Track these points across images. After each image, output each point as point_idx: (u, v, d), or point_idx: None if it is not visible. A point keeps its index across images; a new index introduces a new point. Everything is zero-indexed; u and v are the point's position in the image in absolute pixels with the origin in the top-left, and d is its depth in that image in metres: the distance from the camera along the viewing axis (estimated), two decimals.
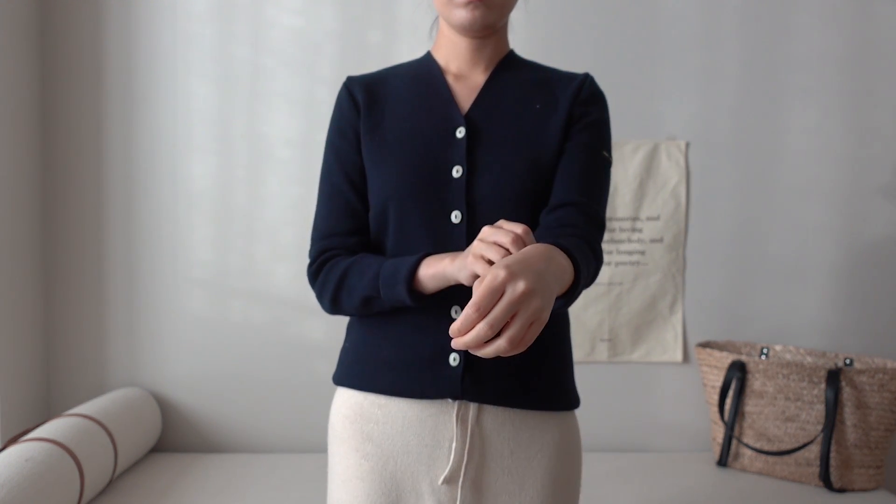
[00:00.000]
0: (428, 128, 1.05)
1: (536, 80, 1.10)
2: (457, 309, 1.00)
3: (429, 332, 1.01)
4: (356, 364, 1.08)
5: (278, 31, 2.06)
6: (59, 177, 2.05)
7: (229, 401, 2.09)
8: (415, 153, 1.03)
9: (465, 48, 1.09)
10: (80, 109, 2.04)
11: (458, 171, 1.02)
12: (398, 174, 1.02)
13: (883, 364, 1.89)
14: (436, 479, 1.02)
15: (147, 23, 2.04)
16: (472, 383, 1.00)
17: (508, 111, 1.06)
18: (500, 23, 1.07)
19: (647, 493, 1.77)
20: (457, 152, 1.03)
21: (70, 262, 2.06)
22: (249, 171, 2.07)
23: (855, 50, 2.09)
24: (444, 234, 1.01)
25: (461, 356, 1.00)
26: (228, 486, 1.78)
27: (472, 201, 1.01)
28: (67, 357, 2.07)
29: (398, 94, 1.09)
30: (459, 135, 1.03)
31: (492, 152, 1.03)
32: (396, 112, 1.07)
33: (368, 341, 1.07)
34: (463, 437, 1.02)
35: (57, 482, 1.46)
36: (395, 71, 1.14)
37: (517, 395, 1.02)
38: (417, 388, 1.01)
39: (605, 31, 2.08)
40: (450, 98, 1.07)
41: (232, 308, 2.08)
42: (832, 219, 2.11)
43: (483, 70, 1.10)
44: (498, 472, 1.03)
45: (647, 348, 2.12)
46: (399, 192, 1.02)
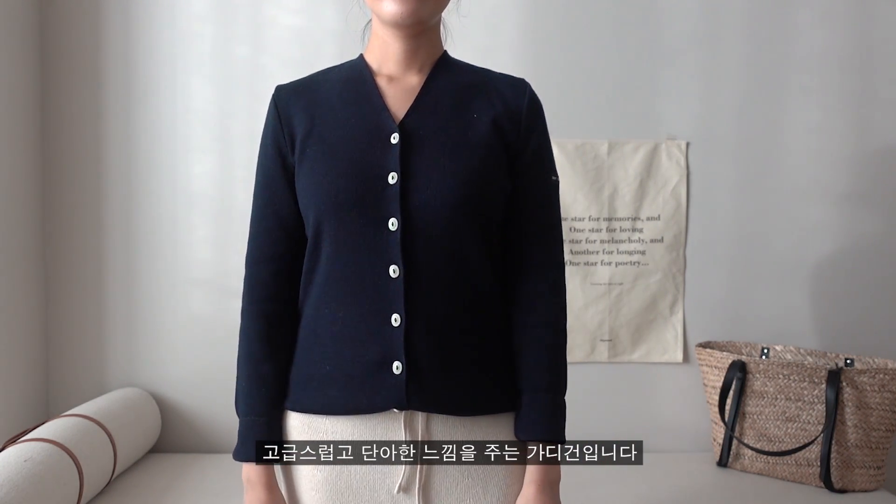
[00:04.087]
0: (361, 134, 1.02)
1: (473, 84, 1.07)
2: (396, 317, 0.98)
3: (370, 342, 0.99)
4: (299, 386, 1.05)
5: (278, 30, 2.05)
6: (59, 177, 2.04)
7: (229, 401, 2.03)
8: (349, 161, 1.01)
9: (397, 49, 1.05)
10: (79, 109, 2.04)
11: (393, 178, 0.99)
12: (332, 182, 1.00)
13: (884, 364, 1.89)
14: (392, 487, 1.01)
15: (146, 22, 2.04)
16: (416, 391, 0.99)
17: (445, 116, 1.03)
18: (433, 18, 1.04)
19: (647, 493, 1.77)
20: (391, 158, 1.00)
21: (69, 262, 2.05)
22: (249, 171, 2.04)
23: (855, 50, 2.08)
24: (381, 242, 0.99)
25: (403, 363, 0.98)
26: (228, 487, 1.77)
27: (408, 208, 0.99)
28: (66, 357, 2.06)
29: (328, 101, 1.06)
30: (394, 140, 1.01)
31: (428, 158, 1.00)
32: (328, 119, 1.04)
33: (307, 358, 1.05)
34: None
35: (56, 482, 1.46)
36: (325, 76, 1.11)
37: (464, 405, 1.01)
38: (364, 402, 0.99)
39: (606, 31, 2.08)
40: (381, 103, 1.04)
41: (232, 308, 2.06)
42: (832, 219, 2.11)
43: (417, 71, 1.06)
44: (457, 476, 1.02)
45: (647, 348, 2.12)
46: (334, 201, 0.99)
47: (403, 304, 0.98)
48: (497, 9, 2.06)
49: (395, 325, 0.99)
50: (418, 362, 0.99)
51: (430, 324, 1.00)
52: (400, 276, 0.98)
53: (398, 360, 0.99)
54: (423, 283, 0.99)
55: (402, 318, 0.99)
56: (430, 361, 0.99)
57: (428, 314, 0.99)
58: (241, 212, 2.07)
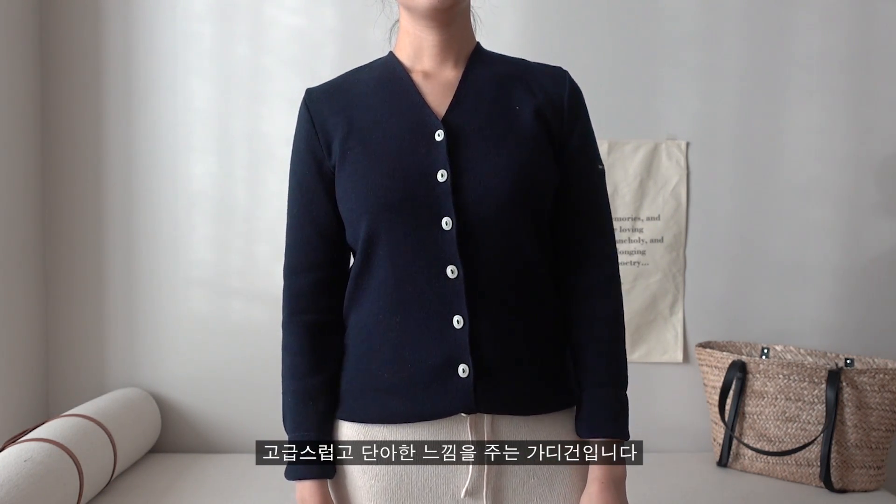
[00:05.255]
0: (403, 133, 0.99)
1: (511, 75, 1.05)
2: (458, 319, 0.96)
3: (432, 345, 0.96)
4: (353, 396, 1.01)
5: (278, 30, 2.06)
6: (59, 177, 2.04)
7: (229, 401, 2.08)
8: (394, 160, 0.98)
9: (431, 42, 1.02)
10: (79, 109, 2.04)
11: (442, 176, 0.97)
12: (379, 187, 0.97)
13: (884, 364, 1.89)
14: (457, 491, 0.98)
15: (147, 22, 2.04)
16: (485, 393, 0.96)
17: (487, 109, 1.01)
18: (461, 4, 1.01)
19: (647, 493, 1.77)
20: (439, 156, 0.97)
21: (70, 261, 2.05)
22: (249, 171, 2.07)
23: (856, 49, 2.08)
24: (436, 242, 0.96)
25: (470, 365, 0.96)
26: (228, 487, 1.78)
27: (461, 205, 0.96)
28: (67, 357, 2.06)
29: (364, 101, 1.03)
30: (438, 137, 0.98)
31: (476, 154, 0.98)
32: (366, 120, 1.01)
33: (361, 367, 1.01)
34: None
35: (56, 482, 1.46)
36: (356, 76, 1.07)
37: (529, 403, 1.00)
38: (428, 408, 0.96)
39: (606, 31, 2.08)
40: (420, 100, 1.01)
41: (232, 308, 2.08)
42: (832, 219, 2.11)
43: (453, 65, 1.04)
44: (523, 476, 1.00)
45: (647, 348, 2.12)
46: (383, 203, 0.96)
47: (465, 305, 0.96)
48: (497, 9, 2.04)
49: (458, 327, 0.96)
50: (485, 363, 0.96)
51: (493, 323, 0.97)
52: (459, 276, 0.96)
53: (464, 362, 0.96)
54: (483, 282, 0.97)
55: (465, 319, 0.96)
56: (497, 361, 0.97)
57: (490, 313, 0.97)
58: (242, 212, 2.07)
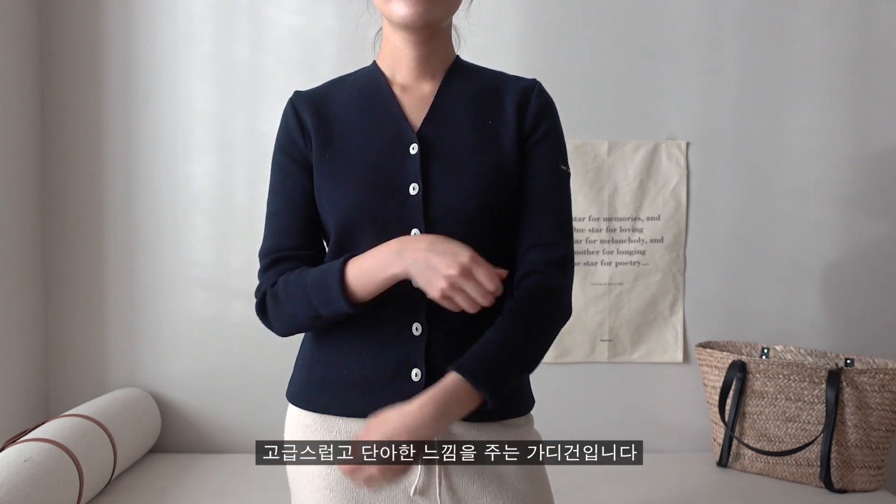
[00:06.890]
0: (380, 145, 1.02)
1: (486, 89, 1.07)
2: (417, 326, 1.00)
3: (389, 347, 1.01)
4: (312, 385, 1.06)
5: (278, 30, 2.06)
6: (59, 177, 2.04)
7: (229, 401, 2.08)
8: (369, 172, 1.01)
9: (409, 56, 1.05)
10: (80, 109, 2.04)
11: (414, 189, 1.00)
12: (354, 195, 1.00)
13: (884, 364, 1.89)
14: (409, 489, 1.02)
15: (147, 22, 2.04)
16: None
17: (461, 124, 1.03)
18: (443, 21, 1.03)
19: (647, 493, 1.77)
20: (412, 169, 1.01)
21: (69, 261, 2.05)
22: (249, 171, 2.07)
23: (856, 49, 2.08)
24: None
25: (423, 371, 1.00)
26: (228, 487, 1.78)
27: (430, 218, 0.99)
28: (67, 357, 2.06)
29: (346, 110, 1.06)
30: (413, 151, 1.01)
31: (447, 168, 1.01)
32: (346, 130, 1.04)
33: (323, 359, 1.05)
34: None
35: (56, 483, 1.46)
36: (340, 84, 1.10)
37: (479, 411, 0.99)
38: (381, 406, 0.97)
39: (606, 31, 2.08)
40: (400, 113, 1.04)
41: (232, 308, 2.08)
42: (832, 219, 2.11)
43: (430, 79, 1.07)
44: (473, 476, 1.02)
45: (647, 348, 2.12)
46: (356, 213, 1.00)
47: (425, 314, 1.00)
48: (497, 9, 2.05)
49: (417, 334, 1.00)
50: (438, 370, 0.98)
51: (450, 333, 1.01)
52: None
53: (418, 367, 1.00)
54: None
55: (423, 326, 1.00)
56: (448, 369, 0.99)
57: (448, 322, 1.00)
58: (242, 212, 2.07)
